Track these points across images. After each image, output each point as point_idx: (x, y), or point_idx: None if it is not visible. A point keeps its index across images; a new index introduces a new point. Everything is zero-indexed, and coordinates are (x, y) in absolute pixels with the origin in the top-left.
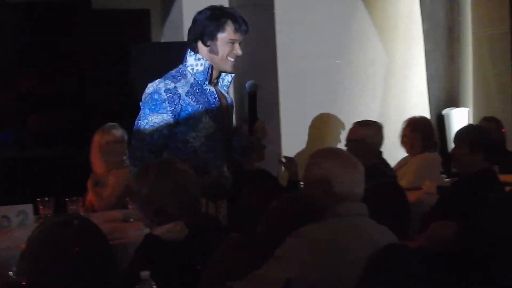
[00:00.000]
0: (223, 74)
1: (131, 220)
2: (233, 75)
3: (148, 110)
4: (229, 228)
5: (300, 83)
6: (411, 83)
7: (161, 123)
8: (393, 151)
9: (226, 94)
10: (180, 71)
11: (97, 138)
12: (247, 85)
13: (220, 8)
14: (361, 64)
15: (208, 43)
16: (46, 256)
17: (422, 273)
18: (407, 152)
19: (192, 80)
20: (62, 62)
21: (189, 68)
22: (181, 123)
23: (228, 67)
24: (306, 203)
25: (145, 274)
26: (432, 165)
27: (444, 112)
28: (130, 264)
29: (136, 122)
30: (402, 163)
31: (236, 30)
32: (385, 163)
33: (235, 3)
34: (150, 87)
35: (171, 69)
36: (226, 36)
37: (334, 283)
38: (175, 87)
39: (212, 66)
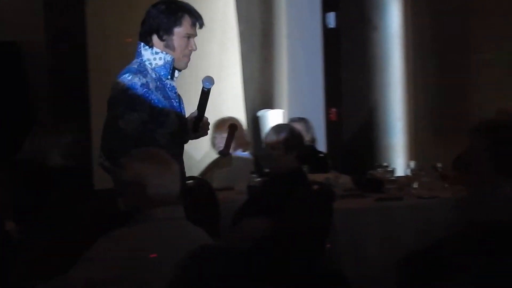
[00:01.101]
0: (176, 71)
1: None
2: (181, 71)
3: (122, 108)
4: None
5: None
6: (227, 85)
7: (137, 121)
8: (211, 153)
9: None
10: (141, 66)
11: None
12: (206, 81)
13: (175, 2)
14: None
15: (164, 38)
16: None
17: (238, 271)
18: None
19: (154, 75)
20: None
21: (147, 63)
22: (151, 120)
23: (184, 64)
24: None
25: None
26: (243, 165)
27: (259, 113)
28: None
29: (109, 120)
30: (213, 164)
31: (193, 24)
32: None
33: None
34: (121, 83)
35: None
36: (182, 30)
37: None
38: (147, 82)
39: (174, 60)
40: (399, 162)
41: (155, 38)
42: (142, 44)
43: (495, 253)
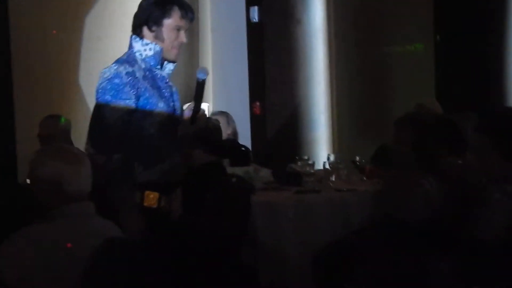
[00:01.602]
0: (165, 62)
1: None
2: (175, 63)
3: (109, 97)
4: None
5: None
6: None
7: (124, 109)
8: None
9: (170, 83)
10: (130, 57)
11: None
12: (200, 72)
13: None
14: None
15: (153, 29)
16: None
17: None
18: None
19: (143, 65)
20: None
21: (137, 54)
22: (139, 109)
23: (173, 55)
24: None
25: None
26: None
27: (184, 106)
28: None
29: (96, 108)
30: None
31: (183, 16)
32: None
33: None
34: (107, 72)
35: None
36: (172, 22)
37: (56, 283)
38: (133, 71)
39: (162, 50)
40: (323, 155)
41: (145, 29)
42: (133, 36)
43: (406, 248)
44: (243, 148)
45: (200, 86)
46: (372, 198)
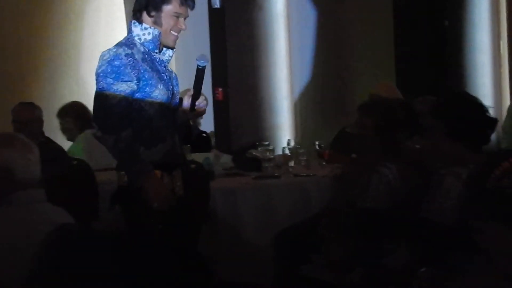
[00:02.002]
0: (164, 48)
1: None
2: (174, 50)
3: (111, 80)
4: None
5: None
6: None
7: (126, 90)
8: None
9: (170, 68)
10: (129, 40)
11: None
12: (201, 58)
13: None
14: (64, 47)
15: (152, 14)
16: None
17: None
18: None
19: (142, 49)
20: None
21: (136, 38)
22: (139, 90)
23: (171, 41)
24: None
25: None
26: None
27: None
28: None
29: (99, 91)
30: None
31: (182, 3)
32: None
33: None
34: (107, 55)
35: None
36: (171, 8)
37: (5, 270)
38: (132, 53)
39: (161, 34)
40: (285, 141)
41: (144, 14)
42: (133, 21)
43: (364, 232)
44: (204, 134)
45: (200, 73)
46: (331, 183)
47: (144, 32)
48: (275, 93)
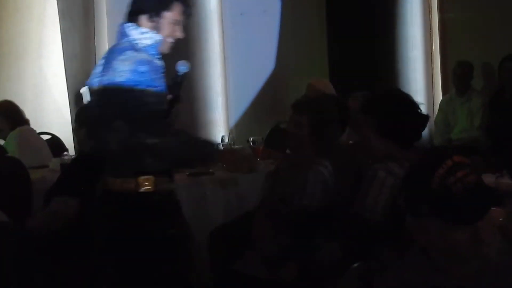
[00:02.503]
0: None
1: None
2: None
3: (139, 84)
4: None
5: None
6: (47, 62)
7: (150, 97)
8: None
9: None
10: (132, 45)
11: None
12: (182, 65)
13: None
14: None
15: (152, 19)
16: None
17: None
18: None
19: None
20: None
21: (137, 43)
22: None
23: (166, 48)
24: None
25: None
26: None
27: (82, 90)
28: None
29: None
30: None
31: (183, 11)
32: None
33: None
34: (131, 59)
35: None
36: (171, 16)
37: None
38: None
39: (162, 39)
40: (219, 137)
41: (143, 18)
42: (128, 24)
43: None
44: None
45: (179, 79)
46: (265, 180)
47: (143, 36)
48: (209, 89)
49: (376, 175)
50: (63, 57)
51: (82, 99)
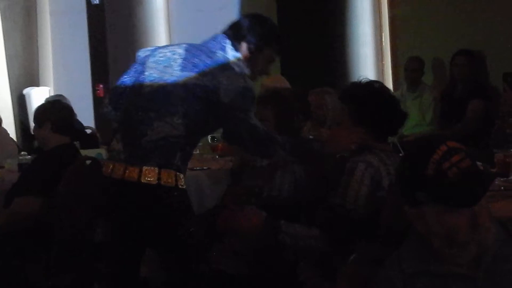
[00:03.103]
0: None
1: None
2: None
3: (251, 107)
4: None
5: None
6: None
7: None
8: None
9: None
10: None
11: None
12: None
13: (275, 25)
14: None
15: (252, 51)
16: None
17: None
18: None
19: None
20: None
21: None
22: None
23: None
24: None
25: None
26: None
27: (25, 91)
28: None
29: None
30: None
31: (278, 50)
32: None
33: None
34: (247, 83)
35: None
36: (269, 54)
37: None
38: None
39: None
40: None
41: (244, 46)
42: (229, 41)
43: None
44: (89, 131)
45: None
46: (230, 176)
47: (236, 62)
48: None
49: (357, 167)
50: (6, 57)
51: (25, 100)
